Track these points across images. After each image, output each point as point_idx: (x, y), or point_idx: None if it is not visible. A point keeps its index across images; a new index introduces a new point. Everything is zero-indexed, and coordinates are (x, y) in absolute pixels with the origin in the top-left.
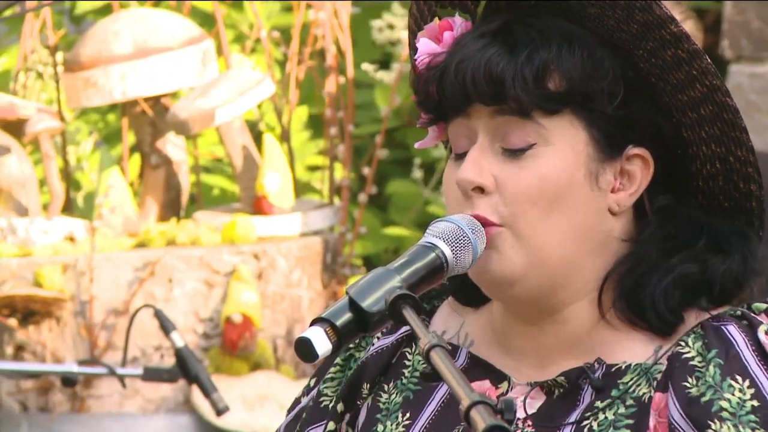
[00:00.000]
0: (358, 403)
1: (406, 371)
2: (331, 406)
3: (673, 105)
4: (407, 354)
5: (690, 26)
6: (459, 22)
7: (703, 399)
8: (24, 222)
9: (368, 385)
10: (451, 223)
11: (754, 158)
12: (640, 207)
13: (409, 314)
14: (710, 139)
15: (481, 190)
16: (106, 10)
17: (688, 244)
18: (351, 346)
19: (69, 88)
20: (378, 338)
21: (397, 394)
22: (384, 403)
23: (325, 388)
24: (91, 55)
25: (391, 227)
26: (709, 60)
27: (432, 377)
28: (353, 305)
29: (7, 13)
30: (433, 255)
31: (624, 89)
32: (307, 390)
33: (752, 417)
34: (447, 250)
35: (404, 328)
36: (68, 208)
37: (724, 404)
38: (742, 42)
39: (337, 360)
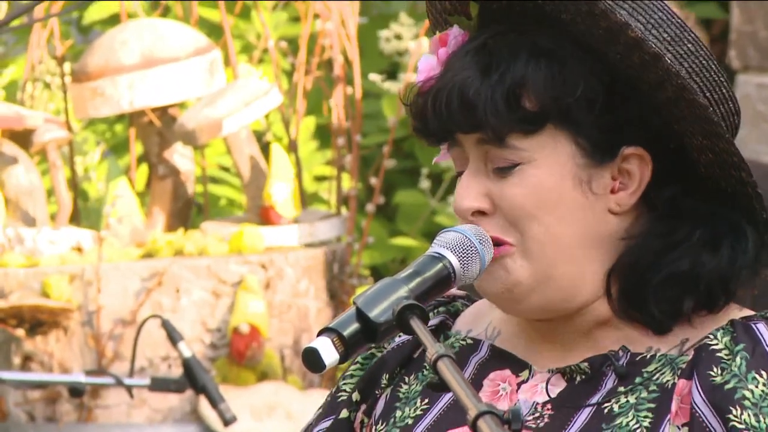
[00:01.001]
0: (377, 392)
1: (426, 364)
2: (346, 399)
3: (655, 104)
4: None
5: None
6: (453, 36)
7: (727, 386)
8: (31, 232)
9: (387, 376)
10: (459, 234)
11: (735, 149)
12: (651, 203)
13: (416, 324)
14: (697, 132)
15: (481, 213)
16: (113, 21)
17: (684, 240)
18: (373, 348)
19: (76, 99)
20: (398, 337)
21: (417, 384)
22: (404, 393)
23: (344, 384)
24: (99, 66)
25: (399, 237)
26: (668, 61)
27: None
28: (360, 315)
29: (15, 23)
30: (440, 265)
31: (604, 94)
32: (332, 394)
33: None
34: (454, 261)
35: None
36: (76, 218)
37: (747, 393)
38: (749, 52)
39: (358, 359)
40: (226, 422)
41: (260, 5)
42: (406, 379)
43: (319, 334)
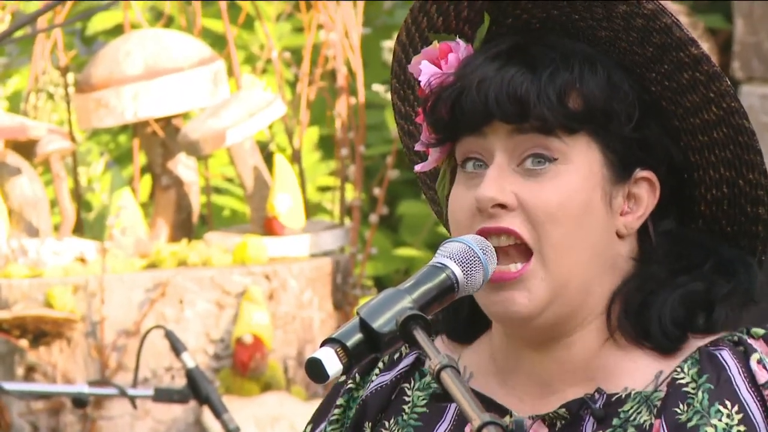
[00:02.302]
0: None
1: (406, 407)
2: None
3: (683, 128)
4: (406, 390)
5: (706, 49)
6: (462, 46)
7: (690, 424)
8: (35, 243)
9: (370, 424)
10: (462, 244)
11: (766, 181)
12: (642, 230)
13: (419, 335)
14: (719, 163)
15: (502, 207)
16: (117, 31)
17: (696, 266)
18: (351, 386)
19: (80, 109)
20: (377, 375)
21: (397, 430)
22: None
23: (331, 430)
24: (103, 76)
25: (402, 248)
26: (728, 83)
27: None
28: (364, 326)
29: (19, 34)
30: (443, 275)
31: (639, 112)
32: None
33: None
34: (458, 271)
35: (402, 364)
36: (79, 228)
37: (710, 430)
38: (753, 63)
39: (339, 401)
40: None
41: (264, 16)
42: (386, 424)
43: (323, 344)
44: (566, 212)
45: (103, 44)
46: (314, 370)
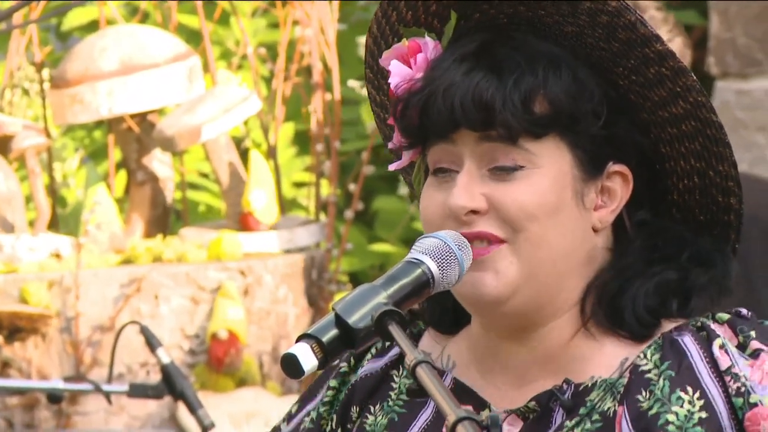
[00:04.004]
0: (349, 426)
1: (392, 393)
2: (329, 429)
3: (652, 121)
4: (394, 376)
5: (679, 44)
6: (431, 45)
7: (651, 412)
8: (10, 239)
9: (357, 408)
10: (438, 240)
11: (736, 172)
12: (617, 222)
13: (395, 330)
14: (689, 154)
15: (474, 213)
16: (92, 27)
17: (672, 256)
18: (344, 369)
19: (55, 105)
20: (368, 360)
21: (382, 416)
22: (370, 425)
23: (324, 411)
24: (78, 72)
25: (378, 243)
26: (694, 77)
27: (418, 393)
28: (339, 321)
29: None
30: (419, 271)
31: (606, 108)
32: (289, 416)
33: (699, 429)
34: (433, 267)
35: (393, 352)
36: (54, 224)
37: (671, 417)
38: (728, 58)
39: (332, 383)
40: (205, 428)
41: (239, 12)
42: (372, 409)
43: (298, 340)
44: (538, 211)
45: (79, 40)
46: (289, 365)
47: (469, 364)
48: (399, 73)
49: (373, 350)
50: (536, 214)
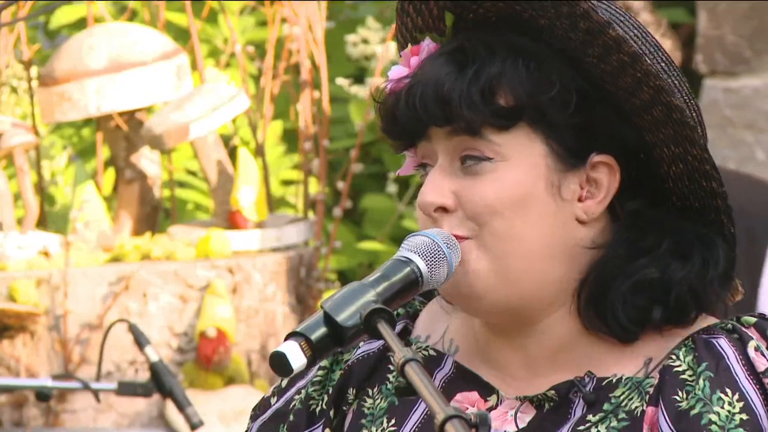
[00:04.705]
0: (344, 408)
1: (390, 376)
2: (319, 410)
3: (629, 109)
4: (392, 359)
5: (668, 46)
6: (425, 46)
7: (693, 412)
8: None
9: (354, 390)
10: (426, 238)
11: (708, 155)
12: (615, 213)
13: (384, 328)
14: (668, 140)
15: (444, 209)
16: (80, 25)
17: (652, 249)
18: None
19: (44, 103)
20: (364, 342)
21: (382, 399)
22: (369, 408)
23: (313, 391)
24: (66, 70)
25: (366, 242)
26: (648, 61)
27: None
28: (328, 320)
29: None
30: (408, 269)
31: (577, 97)
32: (279, 391)
33: (741, 430)
34: (422, 265)
35: None
36: (42, 222)
37: (714, 417)
38: (716, 57)
39: (323, 363)
40: (193, 426)
41: (227, 10)
42: (370, 392)
43: (287, 338)
44: (504, 205)
45: (67, 38)
46: (278, 363)
47: (472, 351)
48: (395, 77)
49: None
50: (499, 209)
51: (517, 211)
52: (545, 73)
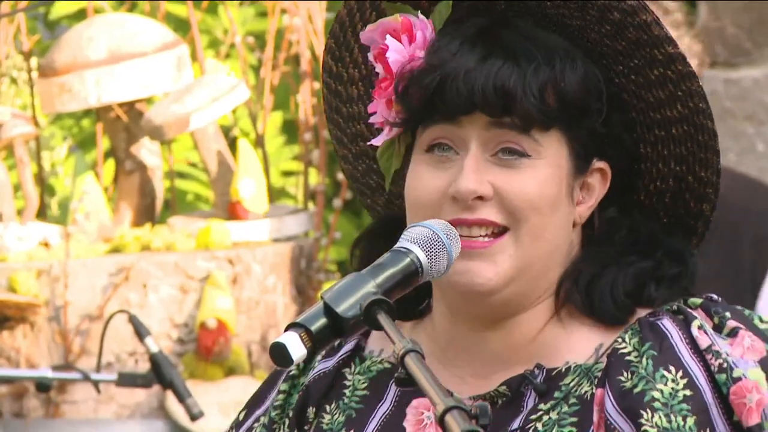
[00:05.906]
0: (306, 428)
1: (346, 391)
2: None
3: (640, 121)
4: (347, 374)
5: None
6: (426, 23)
7: (636, 390)
8: None
9: (313, 409)
10: (427, 229)
11: (717, 180)
12: (589, 219)
13: (384, 319)
14: (671, 157)
15: (479, 198)
16: (80, 16)
17: (647, 251)
18: (294, 372)
19: (44, 94)
20: (318, 362)
21: (339, 413)
22: (327, 424)
23: (275, 415)
24: (66, 61)
25: None
26: (699, 83)
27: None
28: (328, 310)
29: None
30: (407, 260)
31: (606, 107)
32: (237, 424)
33: (684, 406)
34: (422, 255)
35: (343, 351)
36: (42, 213)
37: (656, 394)
38: (716, 48)
39: (282, 387)
40: (193, 417)
41: (227, 1)
42: (328, 408)
43: (287, 329)
44: (543, 201)
45: (67, 29)
46: (278, 354)
47: (429, 354)
48: (397, 50)
49: (323, 351)
50: (539, 206)
51: (551, 209)
52: (591, 80)
